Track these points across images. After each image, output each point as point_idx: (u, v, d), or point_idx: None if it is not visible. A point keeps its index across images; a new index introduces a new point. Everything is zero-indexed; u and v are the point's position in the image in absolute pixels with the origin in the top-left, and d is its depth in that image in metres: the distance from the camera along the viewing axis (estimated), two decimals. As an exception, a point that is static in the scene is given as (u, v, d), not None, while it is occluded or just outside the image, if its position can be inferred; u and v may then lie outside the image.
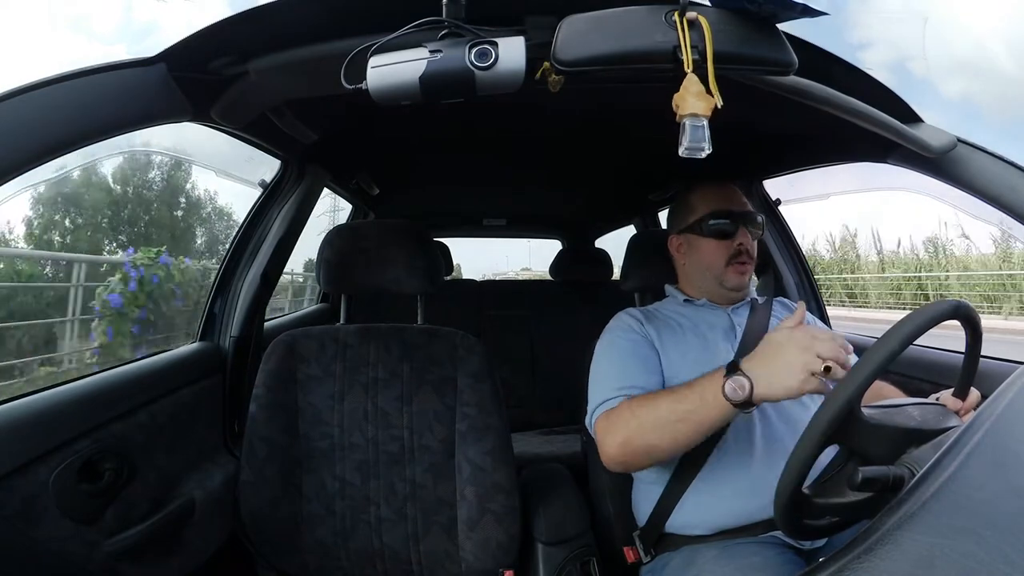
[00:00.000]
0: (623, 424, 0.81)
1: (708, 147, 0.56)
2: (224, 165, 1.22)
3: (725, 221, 0.97)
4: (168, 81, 0.67)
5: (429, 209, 2.43)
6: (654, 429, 0.77)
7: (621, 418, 0.82)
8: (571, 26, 0.58)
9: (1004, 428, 0.43)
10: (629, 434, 0.80)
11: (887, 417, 0.58)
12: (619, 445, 0.81)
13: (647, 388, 0.87)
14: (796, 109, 0.69)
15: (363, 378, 0.98)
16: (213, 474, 1.02)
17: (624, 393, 0.86)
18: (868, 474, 0.52)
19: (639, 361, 0.92)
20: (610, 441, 0.82)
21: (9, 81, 0.57)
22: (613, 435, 0.82)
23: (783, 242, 1.50)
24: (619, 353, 0.94)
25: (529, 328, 2.24)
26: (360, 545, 0.95)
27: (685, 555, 0.87)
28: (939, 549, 0.34)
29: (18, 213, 7.53)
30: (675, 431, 0.76)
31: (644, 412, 0.79)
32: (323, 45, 0.67)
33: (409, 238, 1.02)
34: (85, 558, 0.75)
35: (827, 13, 0.55)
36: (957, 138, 0.78)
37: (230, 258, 1.23)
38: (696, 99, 0.55)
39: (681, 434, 0.76)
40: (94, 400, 0.82)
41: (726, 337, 0.96)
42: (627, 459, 0.82)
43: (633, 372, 0.90)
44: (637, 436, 0.79)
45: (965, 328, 0.63)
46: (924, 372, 1.06)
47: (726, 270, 0.98)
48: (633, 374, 0.89)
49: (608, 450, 0.82)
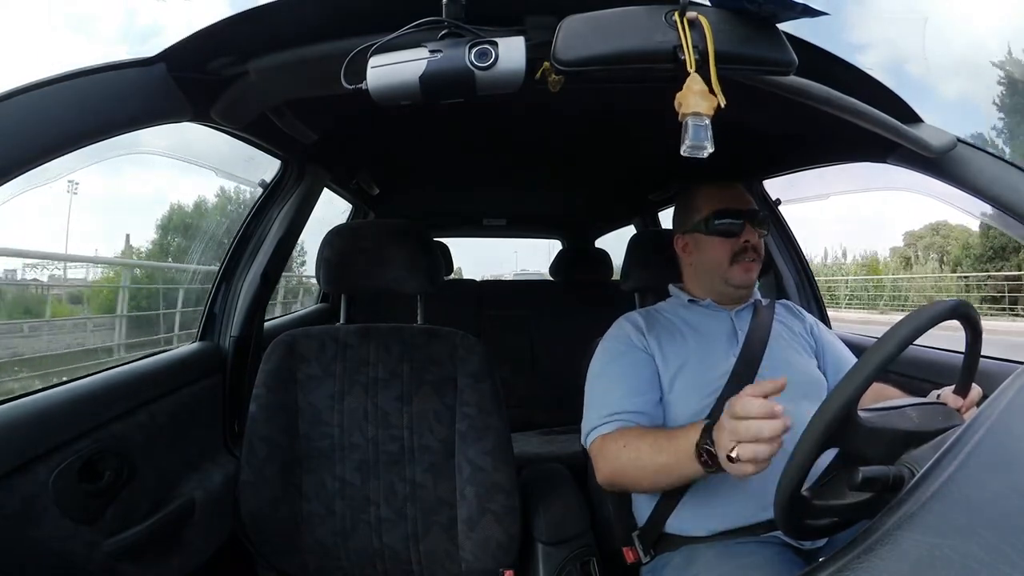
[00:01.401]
0: (611, 459, 0.84)
1: (710, 147, 0.56)
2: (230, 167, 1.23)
3: (730, 219, 0.97)
4: (168, 81, 0.66)
5: (429, 209, 2.43)
6: (636, 473, 0.82)
7: (610, 453, 0.85)
8: (571, 26, 0.58)
9: (1004, 428, 0.43)
10: (615, 471, 0.84)
11: (885, 420, 0.58)
12: (607, 476, 0.87)
13: (641, 411, 0.89)
14: (796, 109, 0.69)
15: (363, 378, 0.98)
16: (213, 474, 1.02)
17: (617, 420, 0.88)
18: (868, 474, 0.52)
19: (635, 382, 0.92)
20: (600, 467, 0.87)
21: (9, 81, 0.57)
22: (602, 465, 0.87)
23: (783, 242, 1.50)
24: (616, 371, 0.94)
25: (529, 328, 2.24)
26: (360, 545, 0.95)
27: (685, 555, 0.87)
28: (939, 549, 0.34)
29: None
30: (655, 479, 0.80)
31: (628, 455, 0.82)
32: (323, 45, 0.67)
33: (409, 238, 1.02)
34: (85, 558, 0.75)
35: (827, 13, 0.55)
36: (957, 138, 0.78)
37: (230, 258, 1.23)
38: (699, 98, 0.55)
39: (662, 482, 0.81)
40: (94, 400, 0.82)
41: (728, 342, 0.96)
42: (616, 488, 0.90)
43: (628, 395, 0.91)
44: (621, 475, 0.84)
45: (965, 327, 0.63)
46: (924, 372, 1.06)
47: (732, 268, 0.97)
48: (627, 398, 0.90)
49: (599, 474, 0.88)
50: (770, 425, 0.61)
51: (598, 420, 0.90)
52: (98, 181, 14.30)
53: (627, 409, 0.89)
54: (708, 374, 0.92)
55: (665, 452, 0.76)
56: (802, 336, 1.01)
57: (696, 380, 0.92)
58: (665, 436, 0.79)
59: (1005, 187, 0.74)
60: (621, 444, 0.83)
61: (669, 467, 0.75)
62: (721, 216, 0.97)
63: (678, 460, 0.74)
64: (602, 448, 0.87)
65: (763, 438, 0.61)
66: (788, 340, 0.98)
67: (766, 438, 0.61)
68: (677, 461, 0.74)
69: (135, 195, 31.19)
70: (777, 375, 0.91)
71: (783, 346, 0.96)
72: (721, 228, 0.97)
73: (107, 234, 32.72)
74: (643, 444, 0.80)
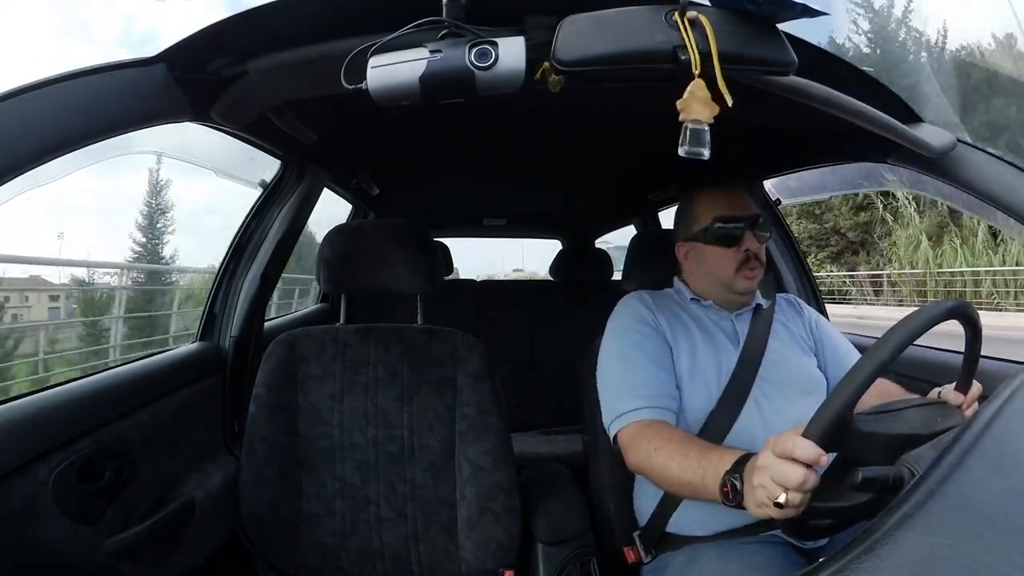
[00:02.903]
0: (641, 457, 0.83)
1: (707, 151, 0.56)
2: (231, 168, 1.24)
3: (730, 226, 0.95)
4: (168, 81, 0.66)
5: (429, 209, 2.43)
6: (660, 478, 0.81)
7: (641, 450, 0.83)
8: (571, 26, 0.58)
9: (1004, 428, 0.43)
10: (642, 469, 0.84)
11: (883, 424, 0.58)
12: (634, 466, 0.86)
13: (668, 397, 0.89)
14: (796, 109, 0.69)
15: (363, 378, 0.98)
16: (213, 474, 1.02)
17: (647, 408, 0.87)
18: (868, 474, 0.52)
19: (654, 363, 0.91)
20: (630, 458, 0.86)
21: (8, 81, 0.57)
22: (632, 457, 0.85)
23: (783, 242, 1.50)
24: (635, 349, 0.93)
25: (529, 328, 2.24)
26: (360, 545, 0.95)
27: (687, 554, 0.87)
28: (939, 549, 0.34)
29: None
30: (677, 491, 0.81)
31: (657, 461, 0.79)
32: (323, 45, 0.67)
33: (409, 238, 1.02)
34: (85, 558, 0.75)
35: (827, 13, 0.55)
36: (957, 138, 0.78)
37: (230, 258, 1.23)
38: (701, 106, 0.55)
39: (683, 494, 0.81)
40: (94, 400, 0.82)
41: (729, 342, 0.96)
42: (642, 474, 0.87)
43: (653, 378, 0.90)
44: (647, 473, 0.84)
45: (964, 326, 0.63)
46: (924, 372, 1.06)
47: (736, 277, 0.95)
48: (653, 381, 0.89)
49: (628, 460, 0.87)
50: (813, 478, 0.56)
51: (625, 407, 0.87)
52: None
53: (654, 392, 0.88)
54: (712, 370, 0.92)
55: (690, 471, 0.74)
56: (801, 335, 1.01)
57: (703, 374, 0.92)
58: (696, 453, 0.75)
59: (1005, 187, 0.74)
60: (652, 447, 0.81)
61: (693, 486, 0.73)
62: (721, 223, 0.95)
63: (703, 483, 0.71)
64: (634, 441, 0.84)
65: (806, 488, 0.56)
66: (788, 340, 0.98)
67: (808, 488, 0.56)
68: (702, 484, 0.72)
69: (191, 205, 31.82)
70: (777, 376, 0.92)
71: (783, 346, 0.96)
72: (720, 236, 0.95)
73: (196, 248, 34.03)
74: (674, 455, 0.77)
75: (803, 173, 1.37)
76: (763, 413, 0.88)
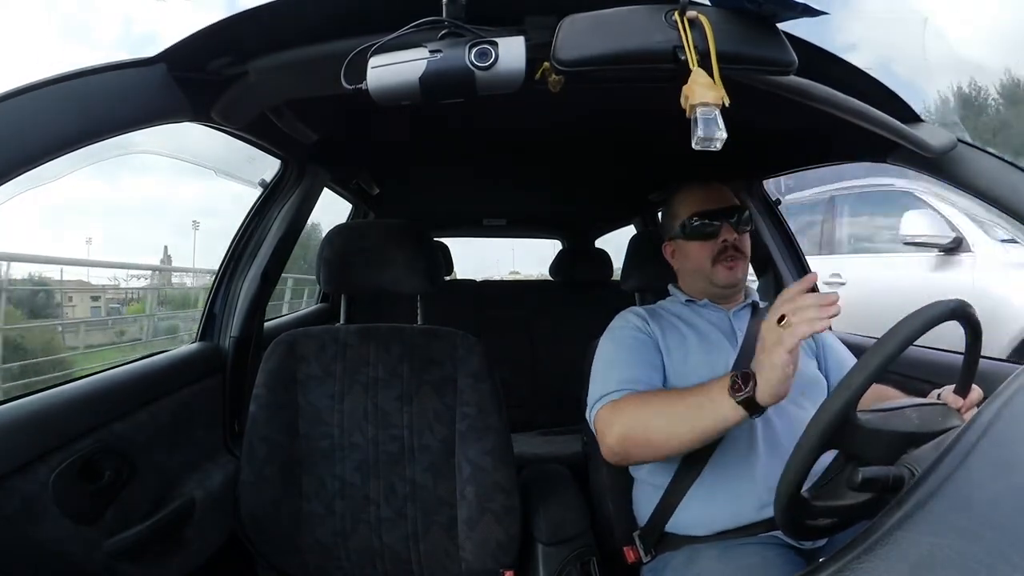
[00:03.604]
0: (626, 417, 0.81)
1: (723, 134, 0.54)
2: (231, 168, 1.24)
3: (705, 221, 0.97)
4: (168, 81, 0.66)
5: (429, 209, 2.43)
6: (655, 423, 0.78)
7: (623, 411, 0.82)
8: (571, 26, 0.58)
9: (1004, 428, 0.43)
10: (630, 427, 0.81)
11: (884, 422, 0.58)
12: (618, 436, 0.82)
13: (651, 384, 0.88)
14: (796, 109, 0.69)
15: (363, 378, 0.98)
16: (213, 474, 1.02)
17: (627, 387, 0.86)
18: (868, 474, 0.52)
19: (643, 357, 0.92)
20: (610, 432, 0.83)
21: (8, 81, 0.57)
22: (613, 427, 0.82)
23: (783, 242, 1.50)
24: (623, 348, 0.94)
25: (529, 328, 2.24)
26: (360, 545, 0.95)
27: (686, 555, 0.87)
28: (939, 549, 0.34)
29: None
30: (674, 430, 0.76)
31: (646, 408, 0.79)
32: (323, 45, 0.67)
33: (409, 238, 1.02)
34: (85, 558, 0.75)
35: (827, 12, 0.55)
36: (957, 138, 0.78)
37: (230, 258, 1.23)
38: (705, 89, 0.54)
39: (682, 432, 0.76)
40: (94, 400, 0.82)
41: (727, 341, 0.96)
42: (626, 450, 0.82)
43: (637, 367, 0.90)
44: (638, 430, 0.80)
45: (965, 327, 0.63)
46: (924, 372, 1.06)
47: (714, 269, 0.97)
48: (637, 369, 0.90)
49: (607, 440, 0.83)
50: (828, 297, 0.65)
51: (607, 389, 0.87)
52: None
53: (638, 379, 0.87)
54: (706, 370, 0.92)
55: (690, 395, 0.74)
56: None
57: (697, 374, 0.91)
58: (684, 393, 0.77)
59: (1005, 187, 0.74)
60: (636, 401, 0.81)
61: (699, 405, 0.73)
62: (697, 218, 0.97)
63: (709, 398, 0.72)
64: (612, 411, 0.84)
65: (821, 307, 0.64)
66: None
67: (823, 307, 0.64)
68: (708, 399, 0.72)
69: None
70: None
71: None
72: (697, 230, 0.97)
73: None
74: (661, 396, 0.78)
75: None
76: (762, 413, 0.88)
